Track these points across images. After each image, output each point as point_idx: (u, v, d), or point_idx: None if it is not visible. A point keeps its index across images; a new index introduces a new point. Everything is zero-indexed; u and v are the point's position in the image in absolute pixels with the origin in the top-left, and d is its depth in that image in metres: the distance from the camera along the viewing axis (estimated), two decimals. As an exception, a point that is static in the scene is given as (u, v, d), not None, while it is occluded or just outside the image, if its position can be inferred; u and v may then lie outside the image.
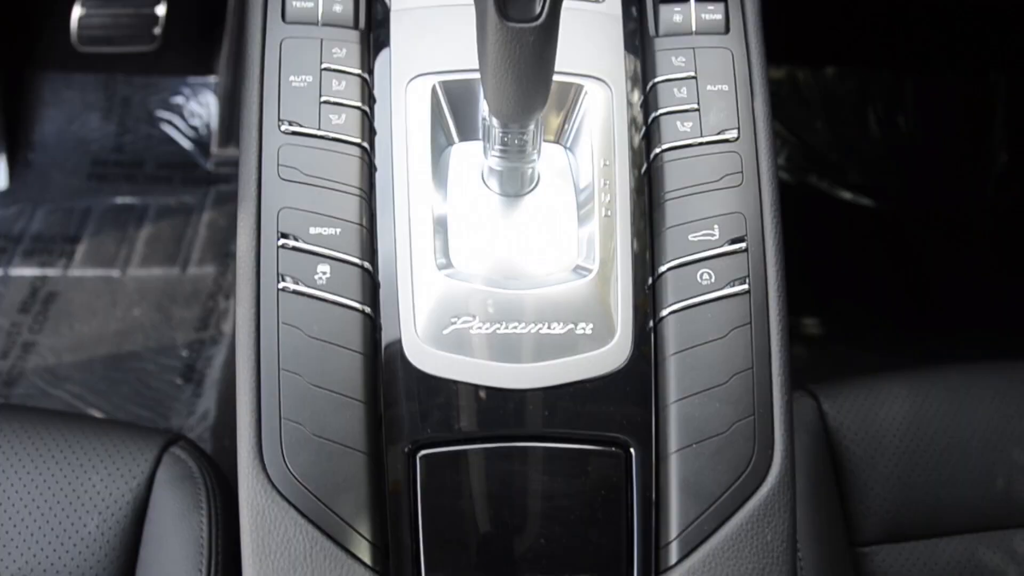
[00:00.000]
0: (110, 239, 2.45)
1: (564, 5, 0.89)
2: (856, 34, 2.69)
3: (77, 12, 2.45)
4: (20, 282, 2.42)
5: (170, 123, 2.62)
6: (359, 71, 1.12)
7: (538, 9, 0.88)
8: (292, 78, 1.10)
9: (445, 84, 1.13)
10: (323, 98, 1.09)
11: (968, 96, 2.76)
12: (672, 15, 1.19)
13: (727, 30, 1.19)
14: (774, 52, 1.25)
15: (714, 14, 1.19)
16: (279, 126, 1.08)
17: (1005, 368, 1.52)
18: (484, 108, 1.00)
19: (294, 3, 1.15)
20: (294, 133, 1.08)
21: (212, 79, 2.63)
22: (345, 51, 1.12)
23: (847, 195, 2.62)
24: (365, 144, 1.08)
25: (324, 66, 1.11)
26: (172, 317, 2.28)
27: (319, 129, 1.08)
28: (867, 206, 2.62)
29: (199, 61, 2.64)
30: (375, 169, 1.09)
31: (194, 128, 2.62)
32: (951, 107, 2.76)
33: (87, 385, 2.22)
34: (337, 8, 1.15)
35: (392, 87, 1.12)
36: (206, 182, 2.53)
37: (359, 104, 1.10)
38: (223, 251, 2.38)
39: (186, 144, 2.59)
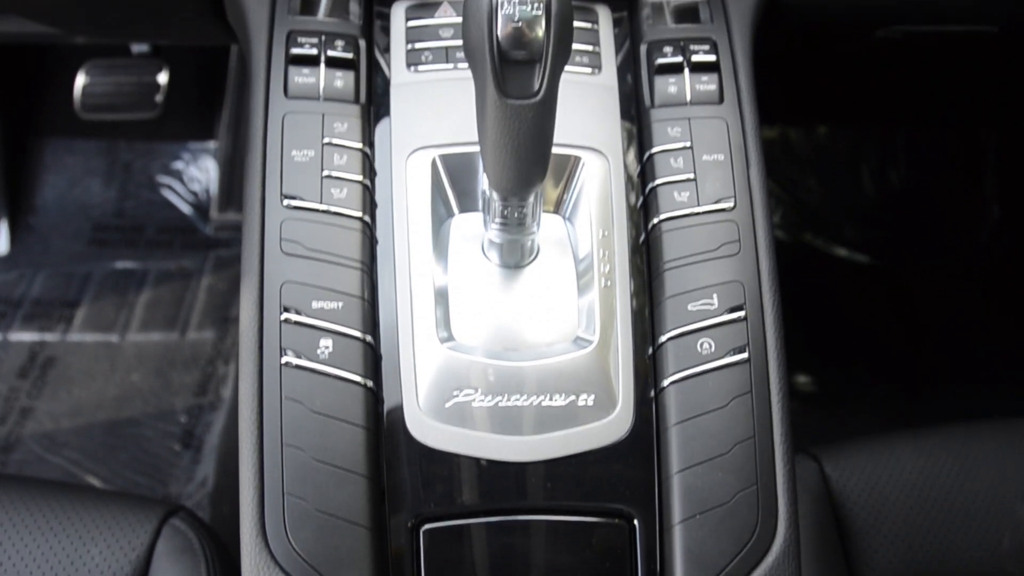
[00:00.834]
0: (109, 304, 2.45)
1: (560, 76, 0.91)
2: (846, 92, 2.72)
3: (81, 80, 2.48)
4: (19, 347, 2.42)
5: (170, 188, 2.65)
6: (360, 145, 1.13)
7: (536, 86, 0.90)
8: (294, 152, 1.12)
9: (445, 157, 1.14)
10: (325, 172, 1.11)
11: (958, 150, 2.79)
12: (667, 86, 1.22)
13: (721, 100, 1.21)
14: (766, 112, 1.28)
15: (708, 84, 1.22)
16: (282, 201, 1.09)
17: (1008, 426, 1.52)
18: (484, 181, 1.01)
19: (296, 78, 1.18)
20: (296, 208, 1.09)
21: (212, 144, 2.66)
22: (346, 125, 1.14)
23: (843, 252, 2.64)
24: (366, 218, 1.10)
25: (326, 140, 1.13)
26: (171, 382, 2.28)
27: (321, 203, 1.09)
28: (863, 262, 2.64)
29: (200, 126, 2.67)
30: (376, 242, 1.10)
31: (194, 193, 2.64)
32: (942, 161, 2.79)
33: (85, 451, 2.21)
34: (338, 83, 1.18)
35: (393, 160, 1.14)
36: (205, 246, 2.54)
37: (360, 178, 1.11)
38: (222, 316, 2.39)
39: (186, 209, 2.62)
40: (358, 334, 1.04)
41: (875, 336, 2.49)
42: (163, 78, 2.51)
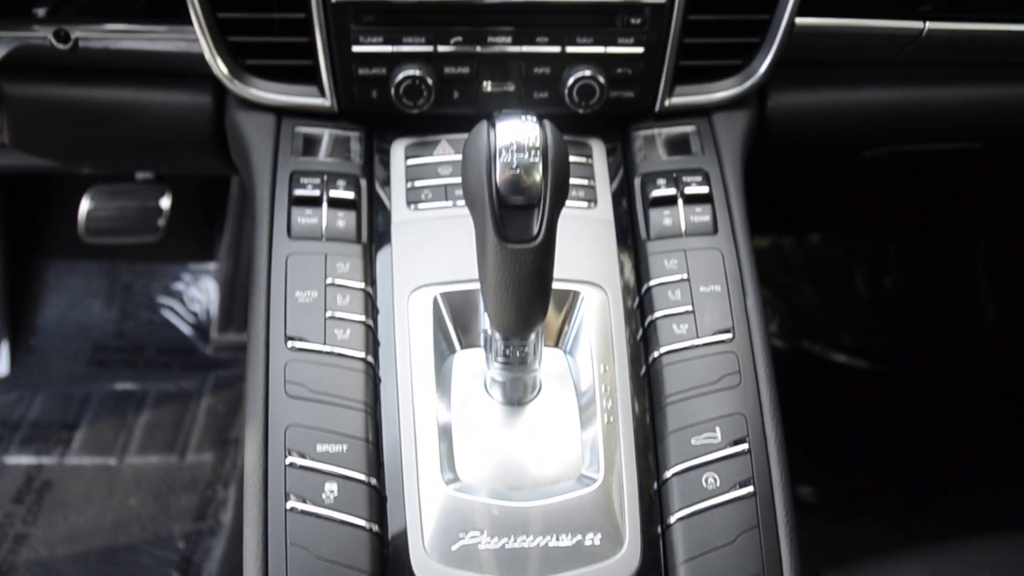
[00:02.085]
0: (108, 426, 2.44)
1: None
2: (836, 202, 2.77)
3: (85, 205, 2.53)
4: (15, 471, 2.39)
5: (171, 309, 2.66)
6: (362, 285, 1.15)
7: (536, 230, 0.92)
8: (298, 293, 1.14)
9: (447, 295, 1.16)
10: (328, 313, 1.12)
11: (949, 252, 2.83)
12: (662, 218, 1.25)
13: (715, 230, 1.24)
14: (758, 223, 1.30)
15: (702, 216, 1.25)
16: (286, 342, 1.11)
17: (1018, 540, 1.50)
18: (485, 320, 1.03)
19: (299, 219, 1.20)
20: (300, 349, 1.10)
21: (213, 266, 2.69)
22: (348, 265, 1.16)
23: (841, 358, 2.65)
24: (369, 358, 1.11)
25: (328, 281, 1.15)
26: (169, 507, 2.25)
27: (325, 344, 1.10)
28: (862, 367, 2.64)
29: (201, 248, 2.70)
30: (380, 380, 1.11)
31: (194, 313, 2.65)
32: (934, 264, 2.82)
33: (81, 580, 2.17)
34: (340, 223, 1.20)
35: (395, 298, 1.16)
36: (205, 367, 2.55)
37: (363, 319, 1.13)
38: (222, 438, 2.37)
39: (186, 330, 2.63)
40: (363, 477, 1.04)
41: (878, 443, 2.48)
42: (166, 202, 2.55)
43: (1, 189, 2.62)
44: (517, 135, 0.90)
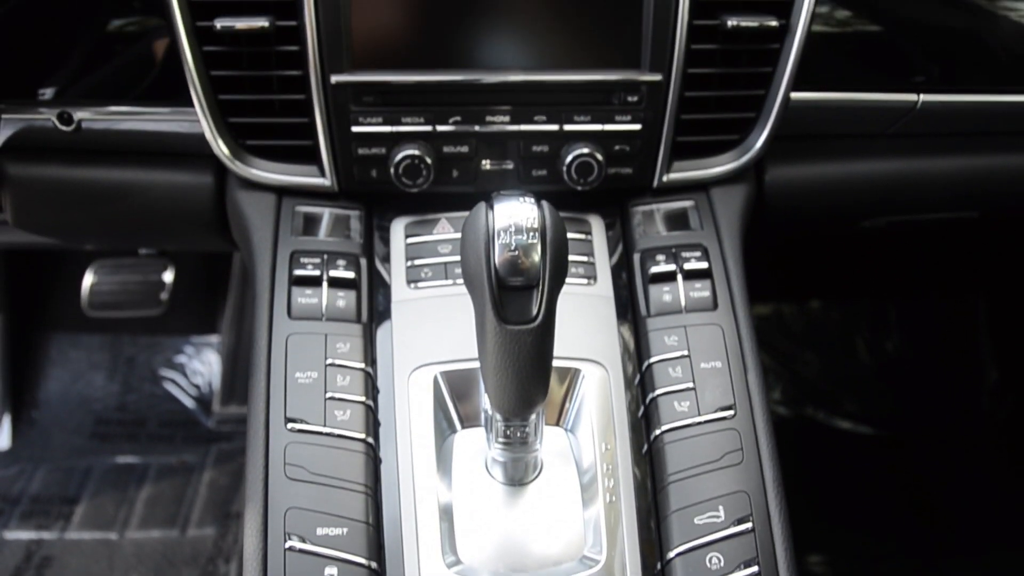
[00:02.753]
0: (109, 500, 2.42)
1: None
2: (836, 269, 2.78)
3: (88, 279, 2.54)
4: (15, 546, 2.37)
5: (173, 381, 2.66)
6: (362, 365, 1.15)
7: (535, 311, 0.92)
8: (298, 374, 1.14)
9: (447, 373, 1.16)
10: (328, 394, 1.12)
11: (950, 317, 2.83)
12: (662, 294, 1.25)
13: (715, 306, 1.24)
14: (759, 290, 1.30)
15: (701, 291, 1.25)
16: (285, 424, 1.10)
17: None
18: (486, 400, 1.02)
19: (299, 299, 1.21)
20: (300, 431, 1.10)
21: (215, 338, 2.70)
22: (348, 345, 1.16)
23: (845, 424, 2.63)
24: (370, 439, 1.10)
25: (329, 362, 1.15)
26: (170, 583, 2.23)
27: (325, 426, 1.10)
28: (866, 434, 2.63)
29: (203, 321, 2.71)
30: (380, 461, 1.11)
31: (196, 386, 2.65)
32: (935, 329, 2.82)
33: (78, 662, 2.13)
34: (340, 303, 1.21)
35: (395, 378, 1.16)
36: (207, 440, 2.53)
37: (363, 399, 1.12)
38: (224, 512, 2.35)
39: (188, 402, 2.62)
40: (364, 560, 1.03)
41: (884, 510, 2.45)
42: (168, 276, 2.56)
43: (5, 262, 2.64)
44: (515, 216, 0.91)
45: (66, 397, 2.65)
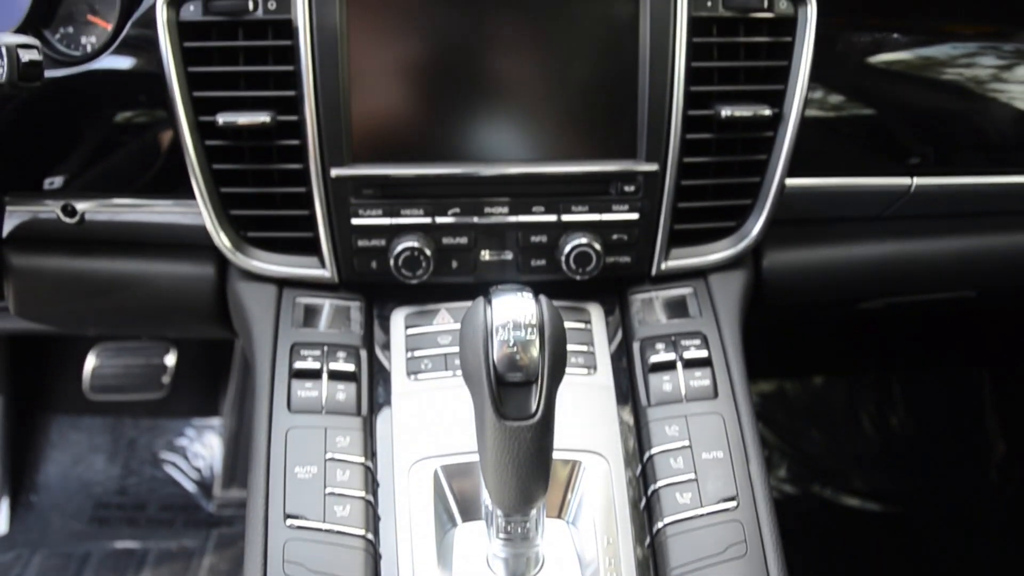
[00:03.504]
0: (107, 587, 2.39)
1: None
2: (838, 345, 2.78)
3: (91, 363, 2.54)
4: (11, 634, 2.33)
5: (174, 465, 2.64)
6: (362, 459, 1.15)
7: (534, 407, 0.92)
8: (297, 469, 1.13)
9: (447, 467, 1.15)
10: (328, 490, 1.11)
11: (955, 391, 2.81)
12: (662, 383, 1.25)
13: (716, 395, 1.24)
14: (761, 367, 1.30)
15: (702, 380, 1.25)
16: (284, 520, 1.09)
17: None
18: (486, 495, 1.02)
19: (299, 392, 1.21)
20: (300, 527, 1.09)
21: (216, 421, 2.69)
22: (348, 439, 1.16)
23: (853, 501, 2.60)
24: (369, 535, 1.09)
25: (328, 456, 1.14)
26: (167, 678, 2.18)
27: (324, 522, 1.09)
28: (874, 510, 2.59)
29: (205, 404, 2.70)
30: (380, 557, 1.09)
31: (198, 470, 2.63)
32: (941, 402, 2.81)
33: None
34: (340, 396, 1.20)
35: (395, 472, 1.15)
36: (208, 525, 2.51)
37: (363, 494, 1.12)
38: (222, 599, 2.32)
39: (189, 486, 2.60)
40: (363, 664, 1.01)
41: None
42: (170, 360, 2.57)
43: (7, 344, 2.65)
44: (513, 312, 0.92)
45: (66, 481, 2.63)
